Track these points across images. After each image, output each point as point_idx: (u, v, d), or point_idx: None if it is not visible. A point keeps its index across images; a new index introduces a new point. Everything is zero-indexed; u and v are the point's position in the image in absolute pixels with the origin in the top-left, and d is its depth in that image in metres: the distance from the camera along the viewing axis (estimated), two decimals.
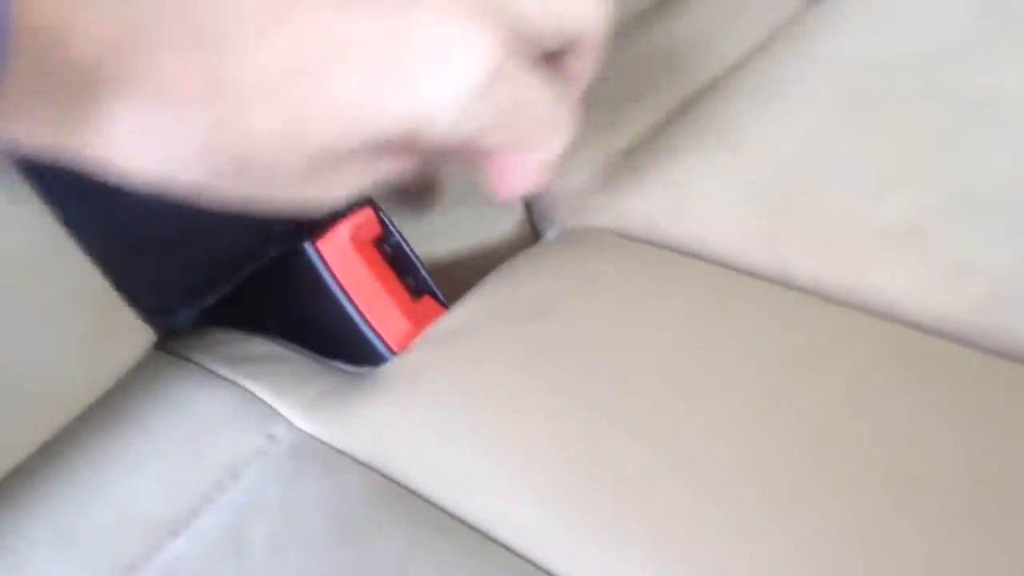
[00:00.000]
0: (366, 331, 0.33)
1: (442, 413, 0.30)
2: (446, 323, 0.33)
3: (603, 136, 0.41)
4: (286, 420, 0.32)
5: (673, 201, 0.36)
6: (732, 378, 0.29)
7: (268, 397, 0.33)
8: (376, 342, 0.33)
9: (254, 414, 0.33)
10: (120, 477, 0.32)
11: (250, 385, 0.34)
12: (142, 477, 0.31)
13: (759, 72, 0.41)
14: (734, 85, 0.41)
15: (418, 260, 0.35)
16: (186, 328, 0.37)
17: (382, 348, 0.33)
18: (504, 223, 0.40)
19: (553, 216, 0.40)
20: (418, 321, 0.33)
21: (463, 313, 0.34)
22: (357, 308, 0.33)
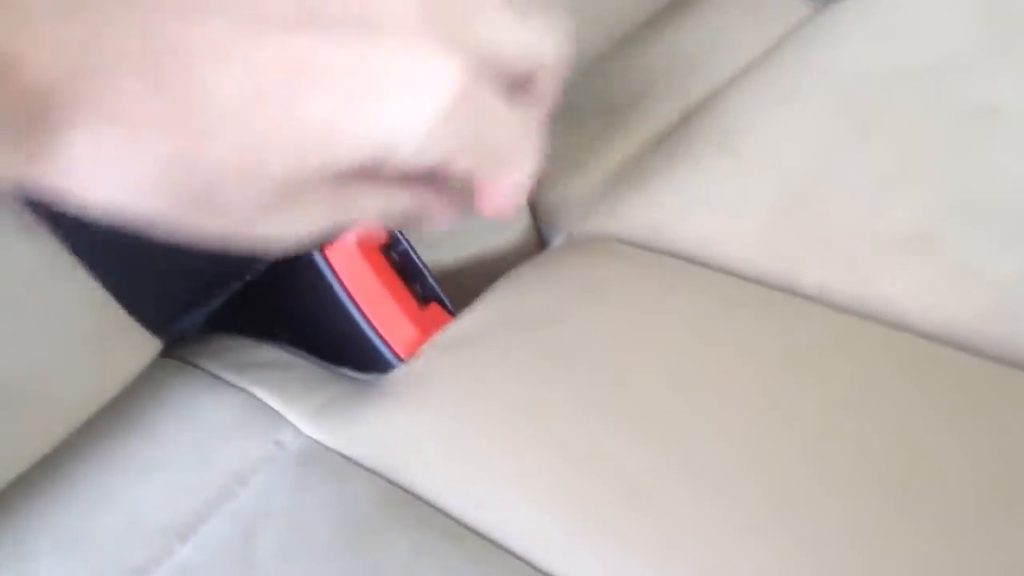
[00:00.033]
0: (373, 338, 0.33)
1: (449, 420, 0.30)
2: (453, 330, 0.34)
3: (608, 144, 0.41)
4: (294, 427, 0.32)
5: (679, 209, 0.37)
6: (737, 384, 0.29)
7: (276, 404, 0.33)
8: (383, 349, 0.33)
9: (262, 420, 0.33)
10: (128, 483, 0.32)
11: (258, 392, 0.34)
12: (150, 483, 0.32)
13: (764, 80, 0.41)
14: (738, 94, 0.41)
15: (425, 267, 0.35)
16: (193, 333, 0.37)
17: (389, 355, 0.33)
18: (510, 231, 0.40)
19: (559, 224, 0.40)
20: (425, 328, 0.34)
21: (470, 320, 0.34)
22: (364, 315, 0.33)
